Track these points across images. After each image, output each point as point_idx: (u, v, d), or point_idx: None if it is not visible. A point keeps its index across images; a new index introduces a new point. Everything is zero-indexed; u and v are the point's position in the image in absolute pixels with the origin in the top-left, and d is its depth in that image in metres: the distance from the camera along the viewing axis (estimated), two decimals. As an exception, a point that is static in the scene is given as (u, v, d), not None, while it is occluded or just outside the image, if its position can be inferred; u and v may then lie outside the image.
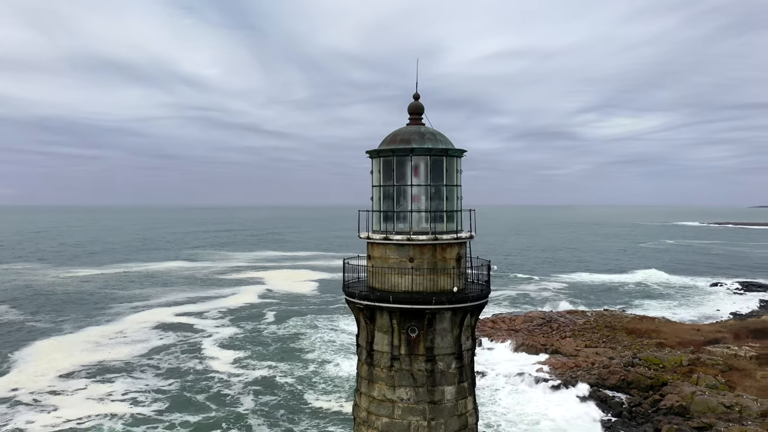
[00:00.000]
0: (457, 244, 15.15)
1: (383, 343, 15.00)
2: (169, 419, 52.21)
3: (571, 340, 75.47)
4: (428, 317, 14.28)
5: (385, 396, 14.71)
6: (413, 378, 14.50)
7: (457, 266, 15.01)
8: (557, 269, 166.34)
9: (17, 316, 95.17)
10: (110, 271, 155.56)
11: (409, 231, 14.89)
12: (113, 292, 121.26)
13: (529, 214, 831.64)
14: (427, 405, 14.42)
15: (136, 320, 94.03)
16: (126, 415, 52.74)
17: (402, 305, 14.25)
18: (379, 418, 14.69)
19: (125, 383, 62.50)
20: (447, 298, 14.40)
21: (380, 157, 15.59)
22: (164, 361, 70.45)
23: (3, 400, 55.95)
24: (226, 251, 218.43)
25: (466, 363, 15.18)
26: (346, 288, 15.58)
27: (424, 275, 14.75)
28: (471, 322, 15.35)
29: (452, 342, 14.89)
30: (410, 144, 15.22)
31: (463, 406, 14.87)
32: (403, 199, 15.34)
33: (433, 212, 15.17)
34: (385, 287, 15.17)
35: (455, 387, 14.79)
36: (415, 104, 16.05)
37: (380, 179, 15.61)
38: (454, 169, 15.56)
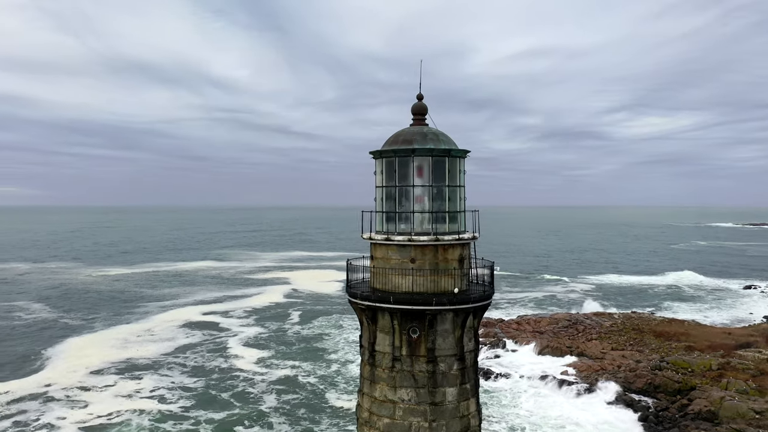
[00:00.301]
0: (459, 245, 15.06)
1: (385, 344, 15.01)
2: (194, 416, 53.12)
3: (597, 343, 74.34)
4: (429, 318, 14.23)
5: (387, 397, 14.71)
6: (414, 379, 14.46)
7: (460, 267, 14.93)
8: (585, 270, 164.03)
9: (51, 314, 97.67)
10: (140, 270, 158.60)
11: (410, 232, 14.87)
12: (143, 291, 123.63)
13: (555, 215, 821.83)
14: (429, 406, 14.36)
15: (164, 319, 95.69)
16: (153, 411, 53.80)
17: (402, 306, 14.24)
18: (381, 419, 14.69)
19: (153, 380, 63.68)
20: (448, 299, 14.32)
21: (383, 158, 15.60)
22: (190, 359, 71.57)
23: (36, 396, 57.45)
24: (253, 251, 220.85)
25: (469, 364, 15.07)
26: (349, 288, 15.63)
27: (426, 276, 14.71)
28: (474, 323, 15.25)
29: (454, 343, 14.80)
30: (412, 144, 15.19)
31: (465, 407, 14.77)
32: (405, 199, 15.32)
33: (435, 213, 15.11)
34: (387, 288, 15.17)
35: (457, 388, 14.69)
36: (419, 105, 16.00)
37: (383, 180, 15.63)
38: (456, 169, 15.48)
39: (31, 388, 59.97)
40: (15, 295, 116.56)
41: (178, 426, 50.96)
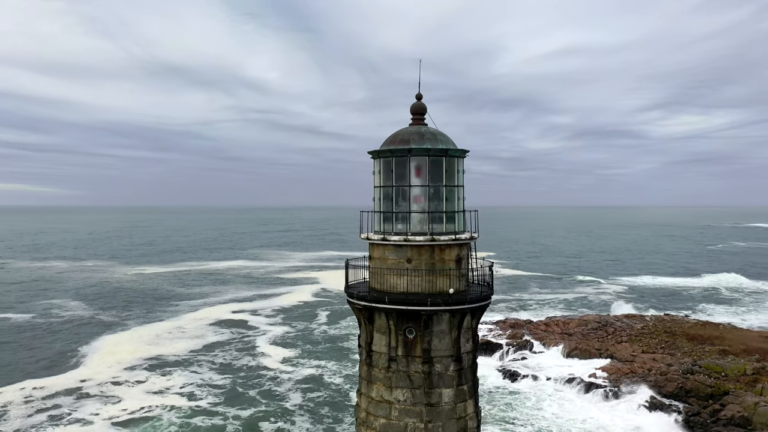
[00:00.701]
0: (456, 246, 14.92)
1: (381, 344, 14.97)
2: (222, 412, 53.85)
3: (627, 345, 72.87)
4: (424, 319, 14.14)
5: (383, 397, 14.67)
6: (410, 380, 14.38)
7: (457, 268, 14.81)
8: (618, 272, 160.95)
9: (87, 312, 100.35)
10: (174, 269, 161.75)
11: (407, 232, 14.80)
12: (175, 289, 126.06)
13: (589, 215, 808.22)
14: (424, 407, 14.27)
15: (195, 317, 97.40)
16: (183, 408, 54.69)
17: (398, 306, 14.20)
18: (377, 419, 14.66)
19: (183, 376, 64.92)
20: (443, 300, 14.21)
21: (380, 158, 15.57)
22: (219, 357, 72.72)
23: (71, 391, 59.06)
24: (284, 251, 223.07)
25: (466, 366, 14.92)
26: (348, 288, 15.66)
27: (422, 276, 14.61)
28: (472, 324, 15.10)
29: (450, 344, 14.67)
30: (409, 144, 15.11)
31: (462, 409, 14.63)
32: (402, 199, 15.26)
33: (432, 213, 15.01)
34: (384, 288, 15.13)
35: (453, 390, 14.56)
36: (418, 104, 15.91)
37: (380, 180, 15.59)
38: (454, 169, 15.34)
39: (67, 383, 61.68)
40: (54, 293, 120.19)
41: (207, 422, 51.71)
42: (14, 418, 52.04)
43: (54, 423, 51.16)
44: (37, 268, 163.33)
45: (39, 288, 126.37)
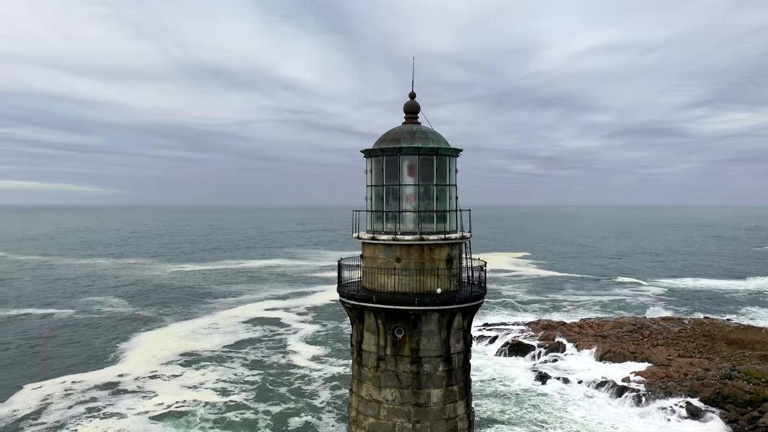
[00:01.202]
0: (447, 245, 14.76)
1: (371, 343, 14.95)
2: (254, 407, 54.75)
3: (663, 349, 70.95)
4: (412, 318, 14.07)
5: (372, 396, 14.64)
6: (398, 379, 14.31)
7: (448, 267, 14.66)
8: (658, 273, 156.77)
9: (127, 308, 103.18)
10: (212, 267, 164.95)
11: (396, 231, 14.74)
12: (212, 287, 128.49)
13: (629, 215, 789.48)
14: (413, 407, 14.19)
15: (230, 314, 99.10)
16: (217, 403, 55.72)
17: (385, 306, 14.16)
18: (367, 418, 14.64)
19: (216, 372, 66.17)
20: (431, 300, 14.09)
21: (371, 157, 15.53)
22: (251, 353, 73.82)
23: (109, 386, 60.79)
24: (319, 250, 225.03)
25: (456, 366, 14.75)
26: (340, 287, 15.70)
27: (411, 276, 14.50)
28: (463, 324, 14.94)
29: (439, 344, 14.53)
30: (399, 143, 15.02)
31: (452, 410, 14.47)
32: (392, 198, 15.18)
33: (422, 212, 14.90)
34: (374, 287, 15.09)
35: (443, 390, 14.42)
36: (411, 103, 15.80)
37: (372, 179, 15.56)
38: (446, 168, 15.18)
39: (105, 378, 63.49)
40: (96, 289, 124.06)
41: (239, 417, 52.65)
42: (54, 411, 53.83)
43: (92, 416, 52.66)
44: (81, 265, 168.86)
45: (82, 285, 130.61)
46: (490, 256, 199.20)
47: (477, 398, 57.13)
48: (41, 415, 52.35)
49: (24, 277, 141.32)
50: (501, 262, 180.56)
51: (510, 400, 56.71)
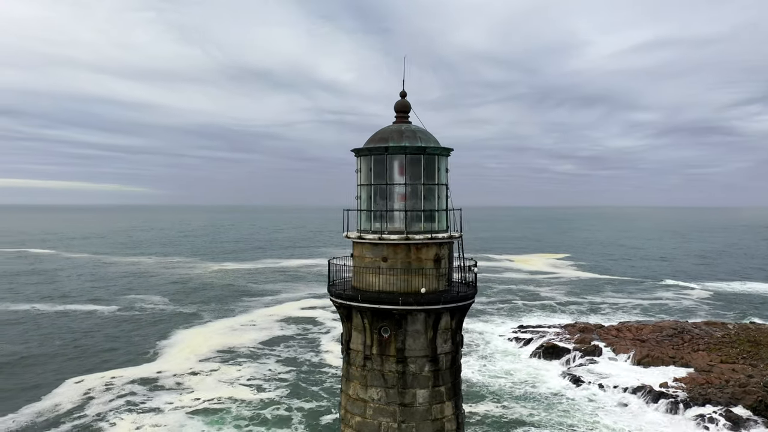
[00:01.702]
0: (434, 245, 14.64)
1: (358, 342, 14.99)
2: (287, 404, 55.67)
3: (704, 354, 68.63)
4: (397, 318, 13.99)
5: (359, 395, 14.65)
6: (384, 379, 14.24)
7: (435, 267, 14.56)
8: (705, 276, 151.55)
9: (168, 306, 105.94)
10: (251, 266, 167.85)
11: (382, 230, 14.72)
12: (250, 285, 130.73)
13: (677, 216, 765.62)
14: (398, 407, 14.10)
15: (267, 312, 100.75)
16: (252, 399, 56.81)
17: (370, 305, 14.17)
18: (354, 417, 14.65)
19: (252, 369, 67.42)
20: (415, 299, 14.02)
21: (360, 156, 15.62)
22: (285, 351, 74.87)
23: (148, 381, 62.50)
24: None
25: (444, 367, 14.60)
26: (330, 286, 15.79)
27: (398, 275, 14.50)
28: (451, 324, 14.78)
29: (425, 344, 14.44)
30: (387, 142, 15.06)
31: (439, 411, 14.32)
32: (379, 198, 15.19)
33: (408, 212, 14.87)
34: (362, 286, 15.15)
35: (429, 391, 14.29)
36: (402, 102, 15.77)
37: (361, 178, 15.64)
38: (434, 167, 15.13)
39: (145, 373, 65.32)
40: (139, 287, 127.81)
41: (273, 413, 53.56)
42: (95, 404, 55.60)
43: (130, 410, 54.12)
44: (126, 263, 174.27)
45: (126, 282, 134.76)
46: (530, 258, 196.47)
47: (506, 400, 56.54)
48: (82, 409, 54.10)
49: (72, 274, 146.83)
50: (540, 264, 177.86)
51: (540, 403, 55.82)
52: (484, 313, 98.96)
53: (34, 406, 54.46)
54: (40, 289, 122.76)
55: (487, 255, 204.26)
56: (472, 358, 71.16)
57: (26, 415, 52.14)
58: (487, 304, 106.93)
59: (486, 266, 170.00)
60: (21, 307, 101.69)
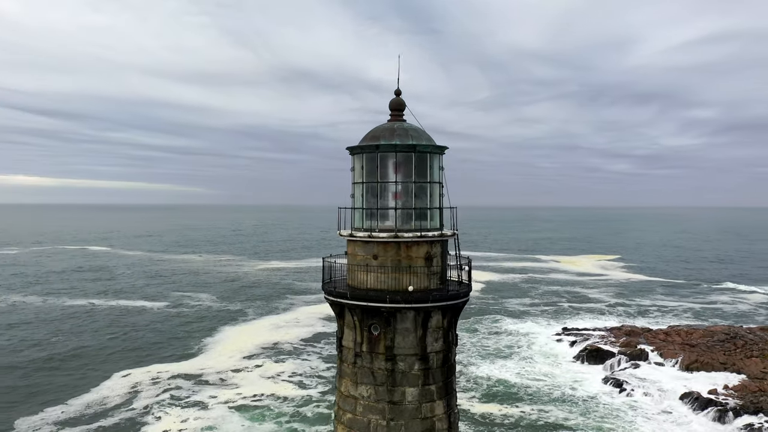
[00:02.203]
0: (426, 243, 14.52)
1: (349, 339, 15.07)
2: (328, 401, 55.62)
3: (758, 361, 65.52)
4: (385, 316, 13.95)
5: (350, 392, 14.71)
6: (373, 376, 14.23)
7: (427, 265, 14.44)
8: (765, 279, 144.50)
9: (215, 303, 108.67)
10: (297, 264, 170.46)
11: (372, 228, 14.70)
12: (295, 283, 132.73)
13: (740, 217, 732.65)
14: (387, 404, 14.06)
15: (309, 310, 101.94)
16: (295, 397, 57.43)
17: (358, 302, 14.20)
18: (345, 414, 14.74)
19: (293, 365, 68.40)
20: (401, 297, 13.96)
21: (354, 155, 15.73)
22: (326, 349, 75.48)
23: (193, 377, 64.20)
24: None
25: (434, 366, 14.45)
26: (324, 284, 15.89)
27: (387, 273, 14.51)
28: (443, 323, 14.62)
29: (415, 342, 14.36)
30: (378, 141, 15.11)
31: (429, 409, 14.19)
32: (371, 196, 15.25)
33: (398, 209, 14.81)
34: (355, 284, 15.22)
35: (418, 389, 14.19)
36: (396, 100, 15.76)
37: (354, 176, 15.73)
38: (426, 165, 15.08)
39: (190, 369, 67.12)
40: (189, 284, 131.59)
41: (314, 410, 54.07)
42: (141, 398, 57.35)
43: (175, 404, 55.63)
44: (179, 260, 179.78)
45: (177, 279, 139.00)
46: (578, 259, 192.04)
47: (543, 403, 55.47)
48: (129, 402, 55.82)
49: (127, 272, 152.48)
50: (588, 265, 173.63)
51: (577, 407, 54.51)
52: (528, 314, 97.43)
53: (83, 397, 56.77)
54: (96, 285, 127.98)
55: (534, 256, 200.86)
56: (513, 360, 70.22)
57: (75, 407, 54.43)
58: (530, 306, 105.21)
59: (532, 267, 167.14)
60: (77, 302, 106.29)
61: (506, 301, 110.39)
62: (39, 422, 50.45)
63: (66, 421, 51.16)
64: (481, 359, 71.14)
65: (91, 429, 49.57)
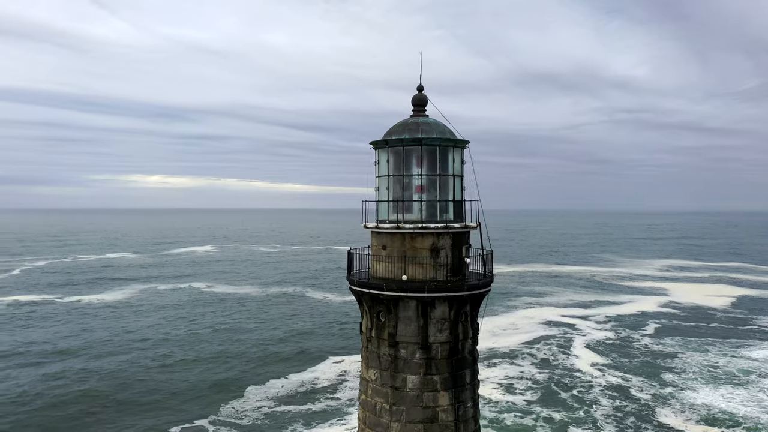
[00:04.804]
0: (431, 234, 14.09)
1: (365, 325, 15.48)
2: (534, 411, 54.30)
3: None
4: (386, 303, 13.94)
5: (363, 375, 15.17)
6: (379, 360, 14.41)
7: (433, 257, 13.94)
8: None
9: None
10: (520, 269, 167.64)
11: (383, 220, 14.74)
12: (518, 287, 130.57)
13: None
14: (390, 389, 14.13)
15: (527, 314, 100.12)
16: (500, 402, 56.73)
17: (361, 289, 14.38)
18: (361, 395, 15.21)
19: (504, 370, 67.67)
20: (398, 286, 13.79)
21: (378, 149, 16.07)
22: (540, 354, 73.61)
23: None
24: (639, 258, 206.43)
25: (438, 356, 13.91)
26: (349, 274, 16.32)
27: (394, 263, 14.56)
28: (449, 315, 13.90)
29: (416, 331, 14.14)
30: (401, 135, 15.24)
31: (431, 399, 13.80)
32: (399, 188, 15.37)
33: (403, 202, 14.88)
34: (373, 273, 15.57)
35: (419, 377, 13.95)
36: (419, 96, 15.63)
37: (378, 170, 16.09)
38: (447, 159, 14.95)
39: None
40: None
41: (514, 418, 52.69)
42: (347, 387, 60.98)
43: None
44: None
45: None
46: None
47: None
48: (335, 388, 60.20)
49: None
50: None
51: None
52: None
53: (299, 375, 64.38)
54: (335, 279, 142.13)
55: None
56: (747, 390, 60.19)
57: (292, 383, 61.97)
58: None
59: None
60: (315, 295, 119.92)
61: (758, 319, 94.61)
62: (262, 394, 58.58)
63: (283, 396, 57.93)
64: (703, 383, 62.57)
65: (301, 410, 54.28)
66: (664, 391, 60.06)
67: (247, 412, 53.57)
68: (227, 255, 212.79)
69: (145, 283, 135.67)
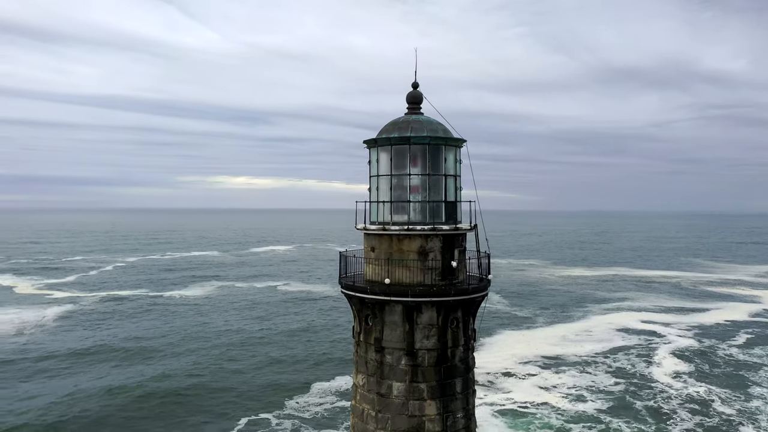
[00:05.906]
0: (418, 237, 13.31)
1: (355, 328, 15.06)
2: (605, 421, 52.02)
3: None
4: (371, 307, 13.38)
5: (353, 379, 14.60)
6: (366, 366, 13.88)
7: (421, 260, 13.15)
8: None
9: (504, 307, 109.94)
10: (597, 273, 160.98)
11: (370, 221, 14.20)
12: (593, 293, 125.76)
13: None
14: (376, 396, 13.59)
15: (604, 320, 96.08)
16: (568, 410, 54.71)
17: (347, 292, 13.85)
18: (352, 399, 14.70)
19: (574, 378, 64.89)
20: (380, 289, 13.12)
21: (370, 148, 15.62)
22: (616, 364, 70.28)
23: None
24: (734, 263, 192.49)
25: (425, 363, 13.11)
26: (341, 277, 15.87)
27: (381, 266, 14.00)
28: (437, 321, 13.04)
29: (402, 337, 13.49)
30: (381, 135, 14.84)
31: (417, 408, 13.04)
32: (375, 189, 14.93)
33: (393, 203, 14.26)
34: (365, 276, 15.08)
35: (405, 385, 13.28)
36: (413, 93, 15.02)
37: (371, 169, 15.62)
38: (440, 159, 14.38)
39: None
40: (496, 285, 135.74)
41: (582, 429, 50.62)
42: None
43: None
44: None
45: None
46: None
47: None
48: None
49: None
50: None
51: None
52: None
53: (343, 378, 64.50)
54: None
55: None
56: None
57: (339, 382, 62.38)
58: None
59: None
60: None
61: None
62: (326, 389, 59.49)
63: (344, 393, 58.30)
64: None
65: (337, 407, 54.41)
66: (750, 404, 55.95)
67: (309, 407, 54.49)
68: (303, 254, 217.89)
69: (224, 280, 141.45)
